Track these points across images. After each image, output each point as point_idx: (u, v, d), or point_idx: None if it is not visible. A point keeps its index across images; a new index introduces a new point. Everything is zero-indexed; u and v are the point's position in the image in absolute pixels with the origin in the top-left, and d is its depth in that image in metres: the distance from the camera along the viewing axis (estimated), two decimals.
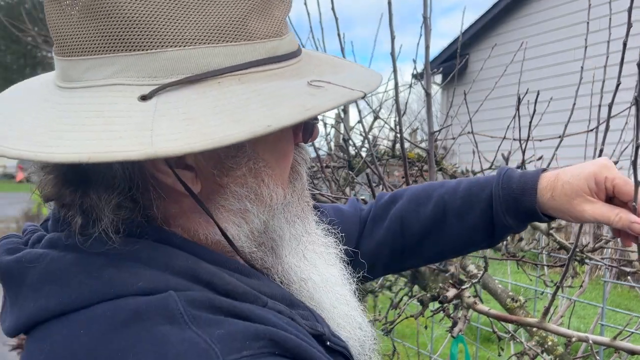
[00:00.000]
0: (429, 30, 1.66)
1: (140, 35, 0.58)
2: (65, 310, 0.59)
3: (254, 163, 0.68)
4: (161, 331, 0.54)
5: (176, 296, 0.57)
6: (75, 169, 0.62)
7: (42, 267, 0.62)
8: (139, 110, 0.56)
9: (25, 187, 13.52)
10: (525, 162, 1.92)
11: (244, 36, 0.62)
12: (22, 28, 5.60)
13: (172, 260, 0.61)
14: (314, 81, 0.63)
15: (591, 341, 1.31)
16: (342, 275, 0.82)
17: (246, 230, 0.69)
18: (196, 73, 0.59)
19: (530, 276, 2.36)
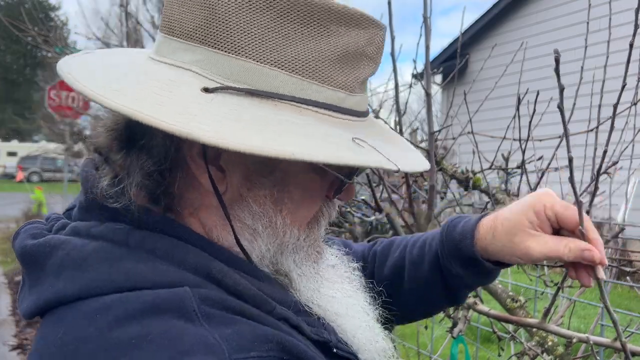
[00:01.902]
0: (429, 30, 1.66)
1: (230, 39, 0.64)
2: (82, 296, 0.61)
3: (278, 191, 0.71)
4: (175, 325, 0.56)
5: (191, 292, 0.59)
6: (130, 127, 0.67)
7: (65, 253, 0.64)
8: (197, 97, 0.62)
9: (25, 187, 13.52)
10: (526, 162, 1.92)
11: (317, 77, 0.67)
12: (22, 28, 5.60)
13: (187, 256, 0.64)
14: (358, 139, 0.66)
15: (591, 341, 1.31)
16: (362, 304, 0.82)
17: (257, 252, 0.72)
18: (261, 89, 0.64)
19: (531, 276, 2.36)
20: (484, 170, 2.18)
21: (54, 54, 6.62)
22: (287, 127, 0.62)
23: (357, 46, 0.69)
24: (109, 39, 7.46)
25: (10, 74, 40.88)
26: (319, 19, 0.66)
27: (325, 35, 0.67)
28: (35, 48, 12.18)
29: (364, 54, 0.70)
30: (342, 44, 0.67)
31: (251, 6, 0.64)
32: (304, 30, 0.66)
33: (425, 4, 1.66)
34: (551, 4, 9.55)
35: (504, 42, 9.04)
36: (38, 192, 10.81)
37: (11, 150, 33.58)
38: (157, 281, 0.61)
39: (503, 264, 0.90)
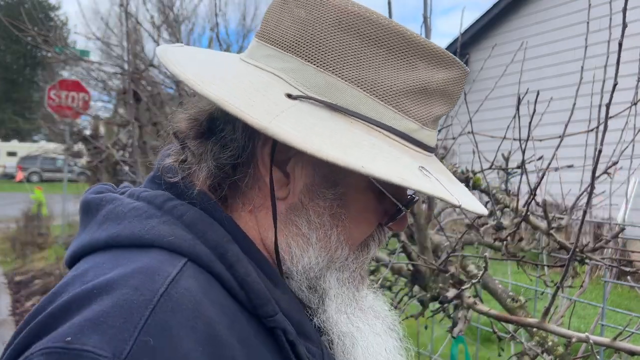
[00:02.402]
0: (429, 30, 1.66)
1: (319, 54, 0.69)
2: (109, 244, 0.66)
3: (338, 207, 0.73)
4: (122, 299, 0.57)
5: (174, 276, 0.60)
6: (212, 119, 0.73)
7: (113, 206, 0.70)
8: (280, 101, 0.66)
9: (25, 187, 13.52)
10: (526, 162, 1.92)
11: (394, 104, 0.70)
12: (22, 28, 5.60)
13: (209, 231, 0.67)
14: (425, 169, 0.69)
15: (591, 341, 1.31)
16: (390, 346, 0.82)
17: (306, 263, 0.73)
18: (340, 105, 0.68)
19: (531, 276, 2.36)
20: (484, 170, 2.18)
21: (53, 54, 6.62)
22: (359, 143, 0.65)
23: (438, 84, 0.72)
24: (109, 39, 7.46)
25: (10, 74, 40.87)
26: (408, 51, 0.70)
27: (410, 68, 0.70)
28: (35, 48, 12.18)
29: (444, 92, 0.73)
30: (424, 78, 0.71)
31: (344, 28, 0.69)
32: (391, 58, 0.69)
33: (425, 4, 1.66)
34: (551, 4, 9.55)
35: (504, 42, 9.04)
36: (38, 192, 10.81)
37: (11, 150, 33.57)
38: (169, 242, 0.64)
39: None
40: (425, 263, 1.72)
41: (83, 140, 8.28)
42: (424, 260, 1.72)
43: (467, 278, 1.80)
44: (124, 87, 5.82)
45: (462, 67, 0.74)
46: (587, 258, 1.79)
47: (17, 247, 9.53)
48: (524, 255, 1.93)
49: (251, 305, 0.65)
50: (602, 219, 5.72)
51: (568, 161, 2.13)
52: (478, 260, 2.00)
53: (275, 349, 0.66)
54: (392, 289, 2.32)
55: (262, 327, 0.66)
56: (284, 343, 0.66)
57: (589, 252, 1.79)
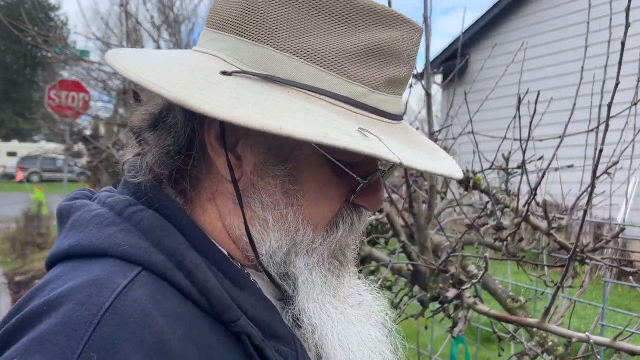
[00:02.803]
0: (429, 30, 1.66)
1: (256, 28, 0.68)
2: (70, 254, 0.66)
3: (289, 183, 0.71)
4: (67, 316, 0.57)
5: (123, 287, 0.60)
6: (165, 109, 0.74)
7: (80, 213, 0.70)
8: (210, 77, 0.65)
9: (25, 187, 13.52)
10: (526, 162, 1.92)
11: (335, 69, 0.67)
12: (22, 28, 5.60)
13: (166, 237, 0.66)
14: (365, 130, 0.64)
15: (591, 341, 1.31)
16: (371, 339, 0.78)
17: (267, 246, 0.71)
18: (276, 75, 0.66)
19: (531, 276, 2.36)
20: (484, 170, 2.18)
21: (53, 54, 6.62)
22: (293, 110, 0.63)
23: (385, 44, 0.68)
24: (109, 39, 7.46)
25: (10, 74, 40.86)
26: (349, 14, 0.67)
27: (353, 31, 0.67)
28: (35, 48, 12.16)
29: (393, 53, 0.69)
30: (368, 40, 0.67)
31: (281, 0, 0.67)
32: (332, 23, 0.67)
33: (425, 4, 1.66)
34: (551, 4, 9.55)
35: (504, 42, 9.04)
36: (38, 192, 10.80)
37: (11, 150, 33.57)
38: (123, 251, 0.63)
39: None
40: (425, 263, 1.72)
41: (83, 140, 8.28)
42: (424, 260, 1.72)
43: (467, 278, 1.80)
44: (124, 87, 5.82)
45: (411, 25, 0.71)
46: (587, 258, 1.79)
47: (17, 247, 9.52)
48: (524, 255, 1.93)
49: (214, 312, 0.65)
50: (602, 219, 5.72)
51: (568, 161, 2.13)
52: (478, 260, 2.00)
53: (242, 353, 0.66)
54: (392, 289, 2.32)
55: (228, 331, 0.65)
56: (249, 347, 0.65)
57: (589, 252, 1.79)
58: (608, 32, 1.60)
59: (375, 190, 0.76)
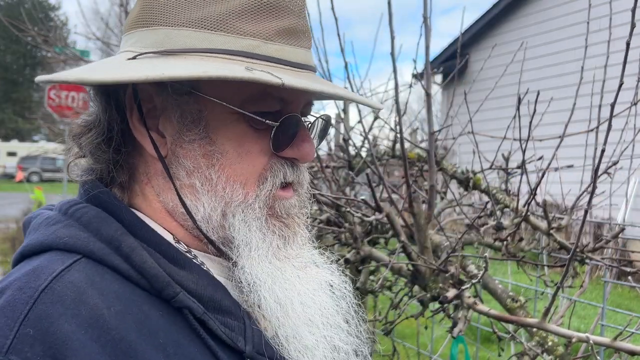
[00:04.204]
0: (429, 30, 1.66)
1: (150, 16, 0.74)
2: (23, 255, 0.72)
3: (207, 144, 0.74)
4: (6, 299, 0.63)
5: (59, 271, 0.65)
6: (93, 116, 0.78)
7: (35, 221, 0.76)
8: (121, 63, 0.71)
9: (25, 187, 13.52)
10: (526, 162, 1.92)
11: (225, 29, 0.72)
12: (22, 28, 5.60)
13: (103, 227, 0.71)
14: (252, 68, 0.69)
15: (591, 341, 1.31)
16: (317, 296, 0.78)
17: (202, 211, 0.75)
18: (172, 48, 0.71)
19: (531, 276, 2.36)
20: (484, 170, 2.18)
21: (53, 53, 6.62)
22: (175, 66, 0.69)
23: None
24: (109, 39, 7.45)
25: (10, 74, 40.85)
26: None
27: None
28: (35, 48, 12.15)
29: (279, 6, 0.74)
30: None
31: None
32: None
33: (425, 4, 1.66)
34: (551, 4, 9.54)
35: (504, 42, 9.04)
36: (38, 192, 10.80)
37: (11, 150, 33.56)
38: (64, 242, 0.69)
39: None
40: (425, 263, 1.72)
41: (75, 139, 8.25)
42: (424, 260, 1.72)
43: (467, 278, 1.80)
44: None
45: None
46: (587, 258, 1.79)
47: (17, 247, 9.50)
48: (524, 255, 1.93)
49: (155, 290, 0.69)
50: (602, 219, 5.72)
51: (568, 161, 2.13)
52: (478, 260, 2.00)
53: (186, 327, 0.69)
54: (392, 289, 2.32)
55: (171, 309, 0.69)
56: (191, 321, 0.69)
57: (589, 252, 1.79)
58: (608, 32, 1.60)
59: (302, 140, 0.78)
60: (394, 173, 4.33)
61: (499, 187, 2.19)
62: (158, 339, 0.65)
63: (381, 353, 2.22)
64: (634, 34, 1.15)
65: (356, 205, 2.29)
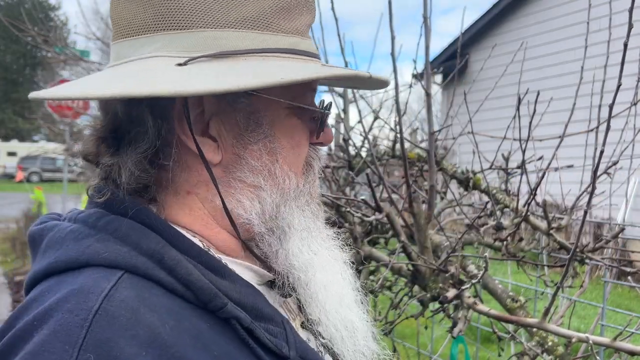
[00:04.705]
0: (429, 30, 1.66)
1: (180, 18, 0.70)
2: (49, 272, 0.67)
3: (270, 142, 0.76)
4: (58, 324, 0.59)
5: (109, 289, 0.61)
6: (116, 126, 0.73)
7: (52, 233, 0.71)
8: (179, 71, 0.67)
9: (25, 187, 13.52)
10: (526, 162, 1.92)
11: (270, 28, 0.73)
12: (22, 28, 5.60)
13: (143, 240, 0.68)
14: (325, 65, 0.76)
15: (591, 342, 1.31)
16: (345, 276, 0.84)
17: (258, 208, 0.76)
18: (225, 50, 0.70)
19: (531, 276, 2.36)
20: (484, 170, 2.18)
21: (53, 54, 6.62)
22: (266, 67, 0.70)
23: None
24: (109, 39, 7.45)
25: (10, 74, 40.85)
26: None
27: None
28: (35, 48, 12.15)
29: (306, 2, 0.78)
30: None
31: None
32: None
33: (425, 4, 1.66)
34: (551, 4, 9.55)
35: (504, 42, 9.04)
36: (38, 192, 10.80)
37: (11, 150, 33.57)
38: (105, 258, 0.65)
39: None
40: (425, 263, 1.72)
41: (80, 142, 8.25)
42: (424, 260, 1.72)
43: (467, 278, 1.80)
44: None
45: None
46: (587, 258, 1.79)
47: (17, 247, 9.52)
48: (524, 255, 1.93)
49: (201, 302, 0.67)
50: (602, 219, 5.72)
51: (568, 161, 2.13)
52: (478, 260, 2.00)
53: (234, 337, 0.68)
54: (392, 289, 2.32)
55: (217, 319, 0.68)
56: (240, 331, 0.68)
57: (589, 252, 1.79)
58: (608, 32, 1.60)
59: (326, 126, 0.85)
60: (394, 173, 4.33)
61: (499, 187, 2.19)
62: (213, 352, 0.64)
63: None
64: (632, 34, 1.15)
65: (356, 205, 2.29)
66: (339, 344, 0.80)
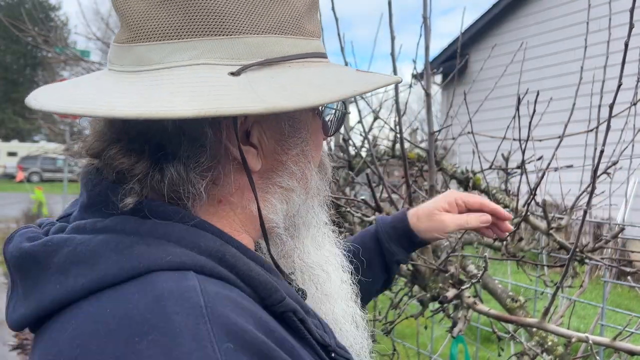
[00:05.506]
0: (429, 30, 1.66)
1: (224, 23, 0.66)
2: (93, 289, 0.59)
3: (305, 144, 0.77)
4: (177, 325, 0.54)
5: (199, 286, 0.58)
6: (160, 142, 0.67)
7: (71, 249, 0.62)
8: (235, 81, 0.63)
9: (25, 187, 13.53)
10: (525, 162, 1.92)
11: (301, 32, 0.73)
12: (22, 28, 5.60)
13: (201, 240, 0.65)
14: (358, 70, 0.77)
15: (591, 341, 1.31)
16: (344, 270, 0.88)
17: (285, 210, 0.77)
18: (270, 57, 0.68)
19: (530, 276, 2.36)
20: (484, 170, 2.18)
21: (54, 54, 6.62)
22: (323, 77, 0.71)
23: None
24: (109, 39, 7.46)
25: (10, 74, 40.85)
26: None
27: None
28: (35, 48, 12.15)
29: (315, 2, 0.78)
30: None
31: None
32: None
33: (425, 4, 1.66)
34: (551, 4, 9.55)
35: (504, 42, 9.04)
36: (38, 192, 10.81)
37: (11, 150, 33.56)
38: (169, 262, 0.60)
39: (425, 243, 1.22)
40: (425, 263, 1.72)
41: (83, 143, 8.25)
42: (424, 260, 1.73)
43: (467, 278, 1.80)
44: None
45: None
46: (586, 258, 1.79)
47: None
48: (523, 255, 1.93)
49: (258, 297, 0.66)
50: (602, 219, 5.72)
51: (568, 161, 2.14)
52: (478, 260, 2.00)
53: (288, 329, 0.67)
54: (391, 288, 2.32)
55: (272, 313, 0.67)
56: (296, 323, 0.67)
57: (588, 252, 1.79)
58: (608, 32, 1.61)
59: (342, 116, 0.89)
60: (394, 173, 4.33)
61: (499, 187, 2.19)
62: (285, 345, 0.63)
63: (381, 353, 2.22)
64: (632, 34, 1.15)
65: (356, 205, 2.29)
66: (350, 340, 0.83)
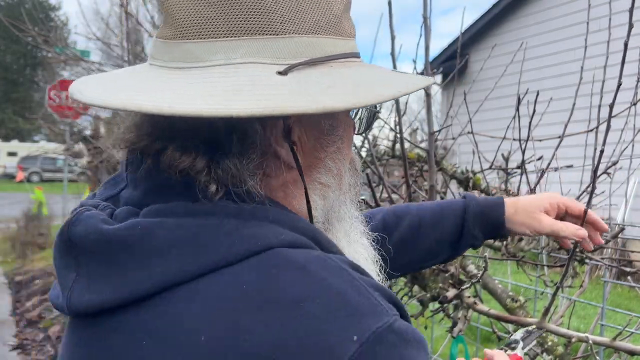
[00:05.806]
0: (429, 30, 1.66)
1: (272, 23, 0.67)
2: (205, 271, 0.60)
3: (341, 142, 0.78)
4: (336, 281, 0.60)
5: (324, 255, 0.64)
6: (212, 139, 0.66)
7: (166, 232, 0.62)
8: (284, 81, 0.64)
9: (25, 187, 13.53)
10: (525, 162, 1.92)
11: (340, 32, 0.73)
12: (22, 28, 5.61)
13: (296, 222, 0.68)
14: (394, 70, 0.77)
15: (591, 341, 1.31)
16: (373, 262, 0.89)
17: (322, 205, 0.77)
18: (315, 57, 0.69)
19: (530, 276, 2.36)
20: (484, 170, 2.18)
21: (54, 54, 6.62)
22: (370, 76, 0.72)
23: None
24: (109, 39, 7.46)
25: (10, 74, 40.84)
26: None
27: None
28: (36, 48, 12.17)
29: (350, 1, 0.79)
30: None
31: None
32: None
33: (425, 4, 1.66)
34: (551, 4, 9.55)
35: (504, 42, 9.04)
36: (38, 192, 10.81)
37: (11, 150, 33.58)
38: (285, 240, 0.63)
39: (507, 235, 1.20)
40: None
41: (83, 140, 8.28)
42: None
43: (467, 278, 1.80)
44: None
45: None
46: (586, 258, 1.79)
47: (17, 247, 9.53)
48: (523, 255, 1.93)
49: None
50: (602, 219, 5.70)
51: (568, 161, 2.14)
52: (478, 260, 2.00)
53: None
54: (391, 288, 2.32)
55: None
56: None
57: (588, 252, 1.79)
58: (608, 32, 1.61)
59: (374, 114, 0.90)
60: (394, 173, 4.33)
61: (499, 187, 2.19)
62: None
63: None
64: (632, 34, 1.15)
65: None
66: None
